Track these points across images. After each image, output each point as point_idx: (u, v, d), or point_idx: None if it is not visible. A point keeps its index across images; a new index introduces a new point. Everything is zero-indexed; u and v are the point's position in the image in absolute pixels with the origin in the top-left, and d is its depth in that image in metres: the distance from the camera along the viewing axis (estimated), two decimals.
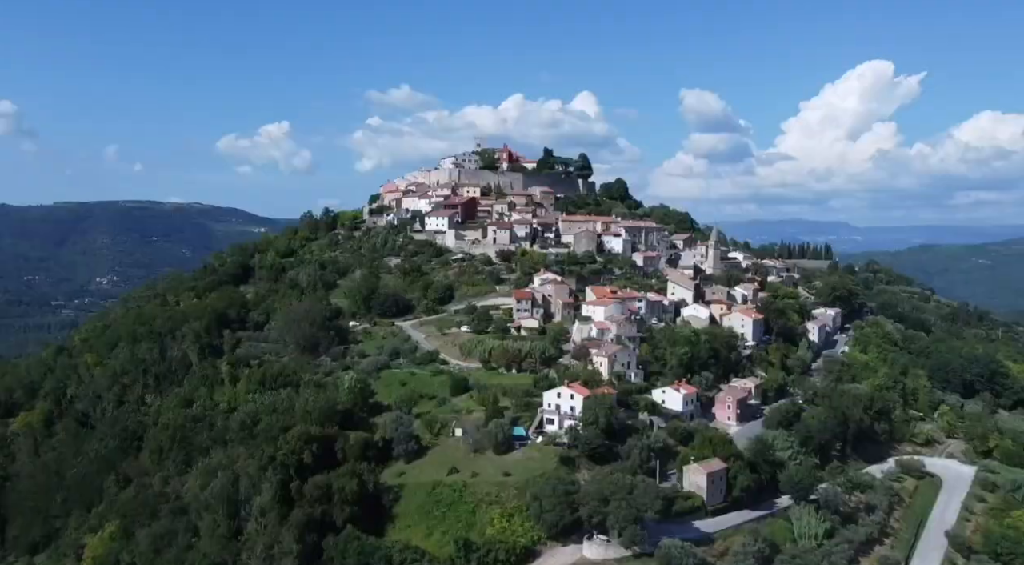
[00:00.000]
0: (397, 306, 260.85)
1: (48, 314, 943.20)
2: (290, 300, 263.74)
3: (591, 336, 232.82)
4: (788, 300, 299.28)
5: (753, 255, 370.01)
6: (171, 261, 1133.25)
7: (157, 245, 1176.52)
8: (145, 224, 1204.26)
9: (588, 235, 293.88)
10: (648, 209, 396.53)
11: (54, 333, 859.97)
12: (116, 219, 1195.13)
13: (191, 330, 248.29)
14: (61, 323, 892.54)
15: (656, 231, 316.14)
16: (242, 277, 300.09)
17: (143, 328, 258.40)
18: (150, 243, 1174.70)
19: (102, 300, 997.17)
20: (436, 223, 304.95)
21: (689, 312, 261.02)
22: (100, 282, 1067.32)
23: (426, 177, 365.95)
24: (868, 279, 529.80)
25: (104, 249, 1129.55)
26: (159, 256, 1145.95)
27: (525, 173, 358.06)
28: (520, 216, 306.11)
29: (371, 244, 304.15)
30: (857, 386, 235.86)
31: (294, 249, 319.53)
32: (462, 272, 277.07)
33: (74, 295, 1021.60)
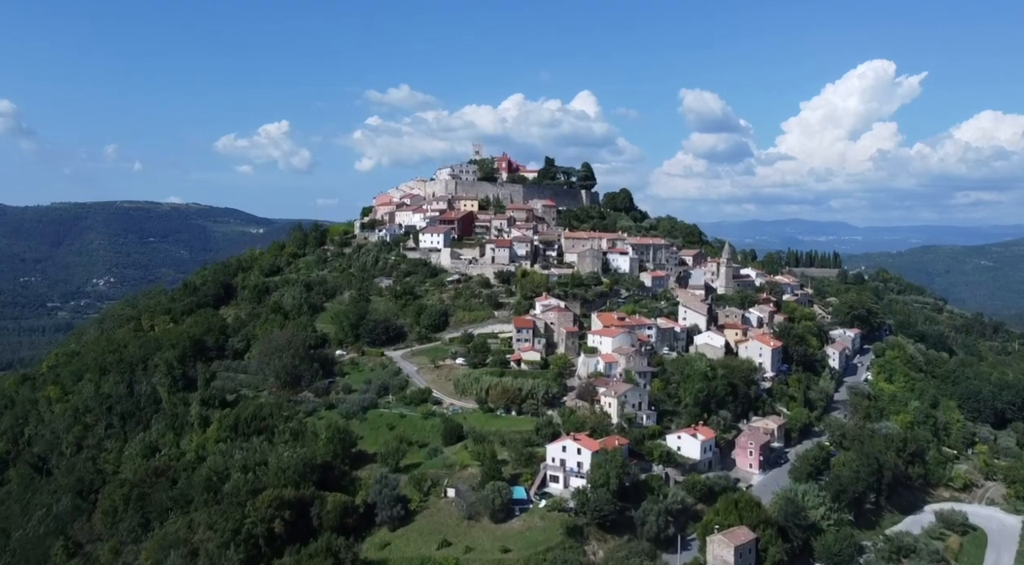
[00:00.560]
0: (387, 334, 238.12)
1: (43, 316, 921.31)
2: (272, 327, 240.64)
3: (598, 370, 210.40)
4: (806, 322, 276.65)
5: (765, 270, 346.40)
6: (169, 262, 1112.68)
7: (154, 246, 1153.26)
8: (143, 225, 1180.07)
9: (593, 254, 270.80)
10: (654, 221, 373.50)
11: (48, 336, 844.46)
12: (113, 220, 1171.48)
13: (163, 361, 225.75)
14: (56, 326, 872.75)
15: (664, 248, 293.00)
16: (224, 298, 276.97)
17: (113, 357, 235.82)
18: (147, 244, 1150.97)
19: (98, 302, 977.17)
20: (431, 240, 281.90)
21: (703, 340, 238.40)
22: (97, 283, 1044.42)
23: (421, 188, 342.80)
24: (879, 289, 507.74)
25: (101, 250, 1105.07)
26: (156, 257, 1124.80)
27: (525, 184, 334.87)
28: (520, 232, 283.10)
29: (361, 263, 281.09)
30: (888, 425, 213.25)
31: (280, 266, 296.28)
32: (458, 295, 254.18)
33: (70, 297, 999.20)
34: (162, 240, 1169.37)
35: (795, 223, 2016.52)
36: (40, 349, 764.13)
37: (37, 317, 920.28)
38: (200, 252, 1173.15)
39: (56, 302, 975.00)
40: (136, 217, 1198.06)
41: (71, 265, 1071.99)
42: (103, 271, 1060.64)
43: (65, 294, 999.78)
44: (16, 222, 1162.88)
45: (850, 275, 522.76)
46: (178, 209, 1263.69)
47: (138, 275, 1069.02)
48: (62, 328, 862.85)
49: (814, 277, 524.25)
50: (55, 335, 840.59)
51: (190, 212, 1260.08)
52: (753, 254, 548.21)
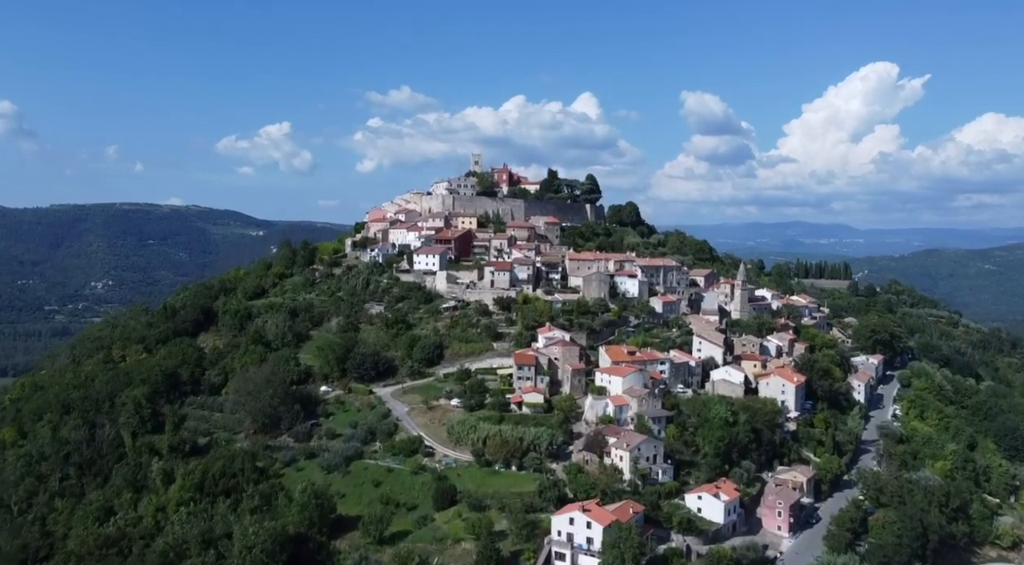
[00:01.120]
0: (377, 368, 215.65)
1: (40, 320, 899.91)
2: (252, 359, 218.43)
3: (607, 414, 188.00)
4: (827, 351, 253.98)
5: (779, 289, 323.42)
6: (168, 265, 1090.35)
7: (153, 248, 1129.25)
8: (142, 227, 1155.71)
9: (599, 278, 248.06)
10: (662, 236, 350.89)
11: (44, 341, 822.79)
12: (112, 222, 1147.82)
13: (131, 400, 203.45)
14: (52, 330, 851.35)
15: (676, 270, 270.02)
16: (203, 323, 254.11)
17: (78, 393, 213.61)
18: (146, 246, 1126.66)
19: (96, 305, 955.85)
20: (426, 261, 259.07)
21: (720, 375, 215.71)
22: (95, 286, 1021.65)
23: (417, 202, 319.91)
24: (891, 301, 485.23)
25: (99, 252, 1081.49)
26: (155, 260, 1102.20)
27: (527, 199, 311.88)
28: (522, 254, 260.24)
29: (351, 286, 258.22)
30: (927, 475, 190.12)
31: (265, 288, 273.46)
32: (454, 324, 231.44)
33: (68, 300, 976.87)
34: (161, 242, 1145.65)
35: (796, 225, 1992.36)
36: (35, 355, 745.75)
37: (34, 321, 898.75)
38: (199, 255, 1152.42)
39: (54, 305, 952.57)
40: (135, 219, 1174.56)
41: (69, 268, 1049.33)
42: (101, 274, 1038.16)
43: (63, 297, 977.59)
44: (15, 224, 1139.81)
45: (861, 287, 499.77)
46: (178, 211, 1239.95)
47: (137, 278, 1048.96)
48: (58, 332, 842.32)
49: (824, 289, 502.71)
50: (51, 340, 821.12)
51: (190, 214, 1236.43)
52: (761, 264, 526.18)
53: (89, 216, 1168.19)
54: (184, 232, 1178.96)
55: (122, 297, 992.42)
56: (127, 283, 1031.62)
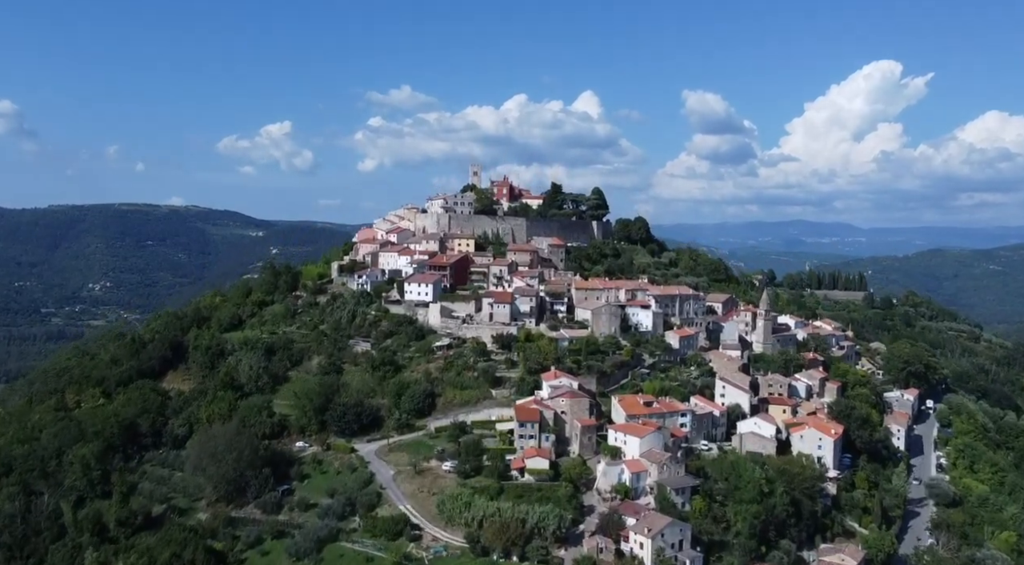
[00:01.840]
0: (360, 419, 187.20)
1: (37, 323, 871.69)
2: (219, 409, 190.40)
3: (623, 482, 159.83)
4: (861, 390, 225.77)
5: (802, 314, 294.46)
6: (166, 266, 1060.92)
7: (152, 249, 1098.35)
8: (140, 228, 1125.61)
9: (609, 311, 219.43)
10: (674, 254, 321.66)
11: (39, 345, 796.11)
12: (111, 222, 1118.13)
13: (79, 460, 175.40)
14: (48, 334, 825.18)
15: (692, 299, 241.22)
16: (172, 360, 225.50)
17: (21, 449, 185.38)
18: (145, 247, 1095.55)
19: (93, 307, 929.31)
20: (418, 291, 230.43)
21: (749, 427, 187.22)
22: (92, 288, 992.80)
23: (411, 219, 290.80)
24: (909, 314, 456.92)
25: (98, 254, 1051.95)
26: (154, 261, 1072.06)
27: (529, 217, 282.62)
28: (523, 282, 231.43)
29: (335, 319, 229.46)
30: (993, 555, 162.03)
31: (242, 318, 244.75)
32: (448, 366, 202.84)
33: (65, 302, 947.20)
34: (160, 243, 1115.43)
35: (798, 224, 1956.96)
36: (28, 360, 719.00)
37: (30, 324, 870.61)
38: (198, 255, 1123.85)
39: (51, 308, 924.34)
40: (134, 220, 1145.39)
41: (67, 269, 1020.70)
42: (99, 275, 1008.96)
43: (60, 299, 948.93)
44: (12, 225, 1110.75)
45: (877, 299, 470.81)
46: (176, 211, 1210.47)
47: (135, 279, 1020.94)
48: (53, 336, 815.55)
49: (838, 300, 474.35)
50: (46, 344, 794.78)
51: (189, 215, 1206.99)
52: (772, 275, 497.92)
53: (87, 217, 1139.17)
54: (183, 233, 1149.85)
55: (120, 299, 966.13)
56: (125, 285, 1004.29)
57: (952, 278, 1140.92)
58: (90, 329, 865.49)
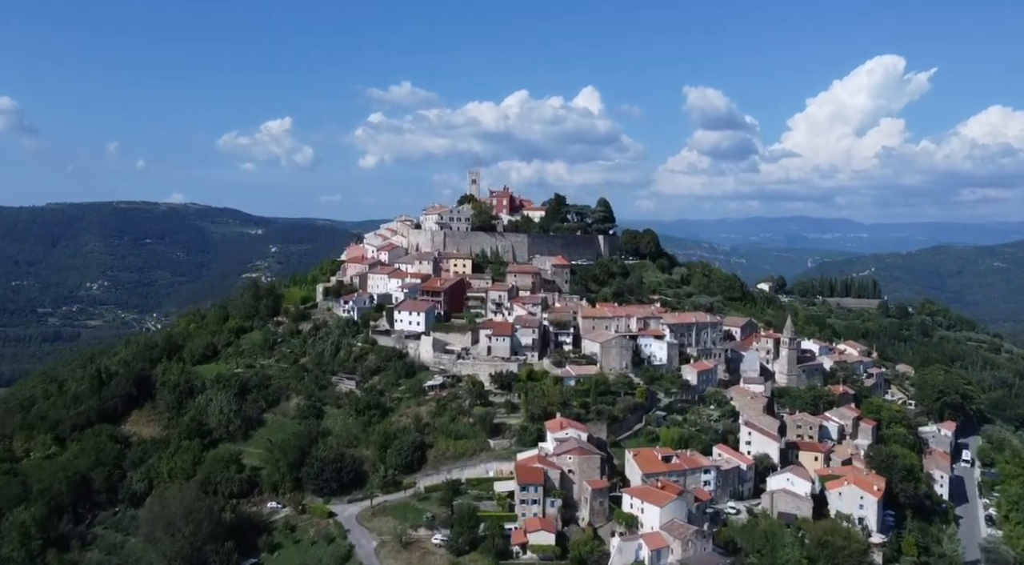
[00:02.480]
0: (340, 476, 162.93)
1: (33, 324, 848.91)
2: (182, 462, 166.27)
3: (641, 559, 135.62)
4: (898, 428, 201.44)
5: (825, 338, 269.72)
6: (165, 265, 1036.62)
7: (151, 248, 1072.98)
8: (139, 226, 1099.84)
9: (620, 344, 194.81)
10: (685, 271, 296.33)
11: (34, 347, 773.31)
12: (109, 220, 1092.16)
13: (17, 526, 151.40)
14: (44, 335, 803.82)
15: (710, 327, 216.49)
16: (137, 398, 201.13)
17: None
18: (143, 246, 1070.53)
19: (91, 307, 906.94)
20: (409, 319, 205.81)
21: (779, 484, 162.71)
22: (90, 287, 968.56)
23: (405, 234, 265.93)
24: (926, 323, 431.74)
25: (96, 252, 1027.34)
26: (152, 259, 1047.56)
27: (531, 233, 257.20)
28: (525, 310, 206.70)
29: (318, 352, 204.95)
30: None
31: (218, 347, 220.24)
32: (441, 410, 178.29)
33: (62, 302, 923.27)
34: (159, 241, 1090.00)
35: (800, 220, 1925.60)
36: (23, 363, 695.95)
37: (26, 325, 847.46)
38: (197, 254, 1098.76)
39: (47, 307, 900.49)
40: (132, 218, 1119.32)
41: (65, 268, 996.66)
42: (97, 274, 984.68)
43: (57, 299, 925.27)
44: (10, 223, 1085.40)
45: (892, 308, 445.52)
46: (175, 209, 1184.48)
47: (133, 278, 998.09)
48: (49, 337, 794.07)
49: (852, 309, 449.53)
50: (41, 345, 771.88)
51: (188, 212, 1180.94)
52: (782, 281, 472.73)
53: (86, 215, 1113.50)
54: (182, 231, 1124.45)
55: (118, 298, 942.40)
56: (123, 284, 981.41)
57: (956, 275, 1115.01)
58: (86, 330, 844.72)
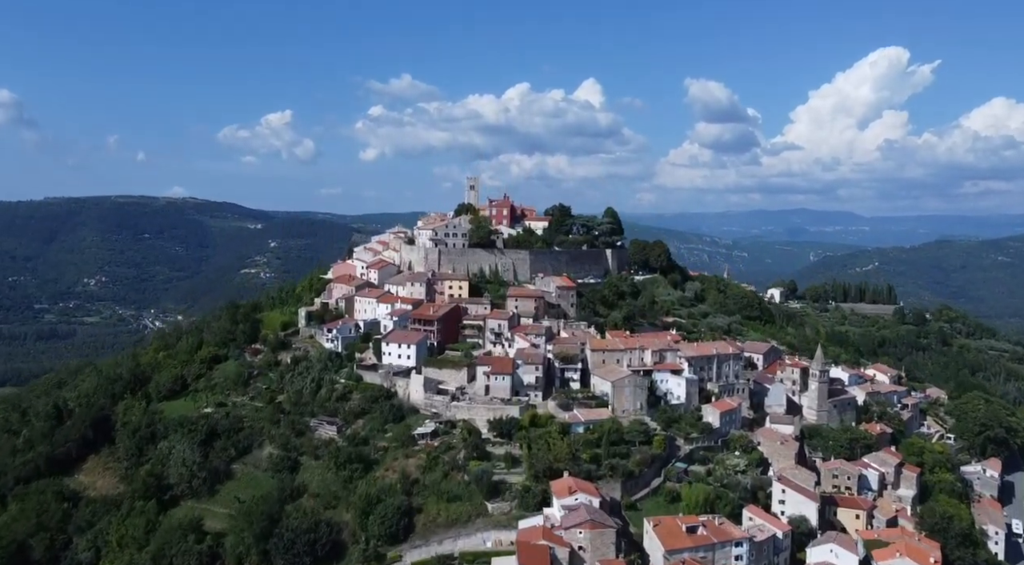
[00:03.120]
0: (315, 548, 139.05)
1: (29, 320, 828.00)
2: (134, 528, 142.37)
3: None
4: (944, 475, 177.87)
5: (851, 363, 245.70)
6: (163, 260, 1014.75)
7: (149, 242, 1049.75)
8: (137, 220, 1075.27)
9: (634, 383, 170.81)
10: (700, 285, 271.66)
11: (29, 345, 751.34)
12: (107, 215, 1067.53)
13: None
14: (39, 332, 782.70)
15: (732, 358, 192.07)
16: (94, 442, 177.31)
17: None
18: (142, 240, 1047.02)
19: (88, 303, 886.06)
20: (398, 352, 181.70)
21: (821, 556, 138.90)
22: (88, 283, 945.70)
23: (398, 248, 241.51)
24: (944, 331, 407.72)
25: (93, 247, 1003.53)
26: (151, 254, 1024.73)
27: (533, 249, 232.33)
28: (527, 341, 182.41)
29: (296, 390, 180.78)
30: None
31: (187, 380, 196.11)
32: (431, 464, 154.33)
33: (59, 298, 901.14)
34: (157, 236, 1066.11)
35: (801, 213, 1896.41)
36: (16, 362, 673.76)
37: (22, 321, 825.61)
38: (196, 248, 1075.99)
39: (44, 304, 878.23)
40: (131, 212, 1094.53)
41: (62, 263, 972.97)
42: (95, 270, 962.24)
43: (54, 295, 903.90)
44: (8, 218, 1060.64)
45: (909, 314, 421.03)
46: (174, 204, 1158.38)
47: (131, 274, 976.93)
48: (44, 335, 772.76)
49: (867, 314, 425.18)
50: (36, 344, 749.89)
51: (186, 207, 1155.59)
52: (794, 286, 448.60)
53: (84, 209, 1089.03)
54: (181, 225, 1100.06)
55: (115, 294, 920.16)
56: (121, 280, 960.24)
57: (960, 270, 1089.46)
58: (83, 327, 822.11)
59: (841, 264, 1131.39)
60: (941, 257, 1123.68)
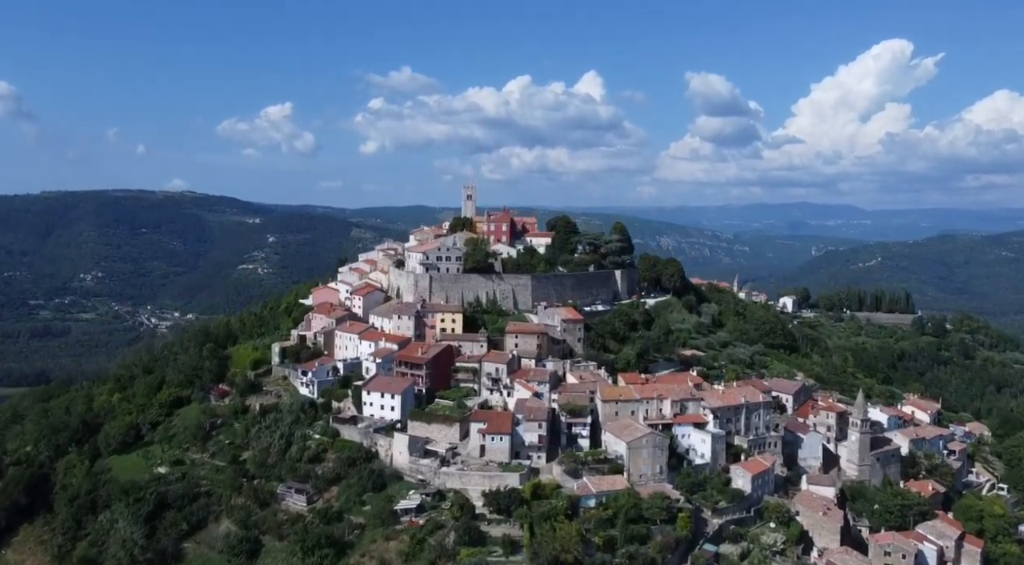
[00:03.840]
0: None
1: (24, 317, 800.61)
2: None
3: None
4: (1007, 545, 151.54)
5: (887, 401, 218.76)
6: (161, 255, 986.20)
7: (147, 237, 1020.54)
8: (135, 215, 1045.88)
9: (653, 444, 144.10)
10: (717, 308, 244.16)
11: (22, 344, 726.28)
12: (104, 209, 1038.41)
13: None
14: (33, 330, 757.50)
15: (763, 407, 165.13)
16: (30, 509, 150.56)
17: None
18: (139, 235, 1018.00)
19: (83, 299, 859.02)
20: (380, 403, 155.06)
21: None
22: (84, 278, 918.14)
23: (385, 270, 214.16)
24: (966, 342, 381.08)
25: (90, 242, 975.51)
26: (148, 249, 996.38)
27: (535, 273, 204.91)
28: (529, 390, 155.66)
29: (263, 447, 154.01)
30: None
31: (142, 430, 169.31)
32: (416, 550, 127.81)
33: (55, 294, 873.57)
34: (155, 231, 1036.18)
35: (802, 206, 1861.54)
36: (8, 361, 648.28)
37: (16, 318, 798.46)
38: (194, 243, 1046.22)
39: (39, 299, 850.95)
40: (128, 207, 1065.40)
41: (59, 258, 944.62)
42: (91, 265, 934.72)
43: (50, 290, 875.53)
44: (4, 212, 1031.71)
45: (928, 324, 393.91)
46: (172, 198, 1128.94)
47: (128, 269, 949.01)
48: (38, 333, 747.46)
49: (884, 325, 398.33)
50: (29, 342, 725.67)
51: (184, 200, 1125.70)
52: (806, 294, 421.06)
53: (81, 203, 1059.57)
54: (179, 220, 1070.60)
55: (112, 290, 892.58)
56: (118, 275, 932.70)
57: (963, 265, 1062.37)
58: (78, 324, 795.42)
59: (844, 259, 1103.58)
60: (944, 252, 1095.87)
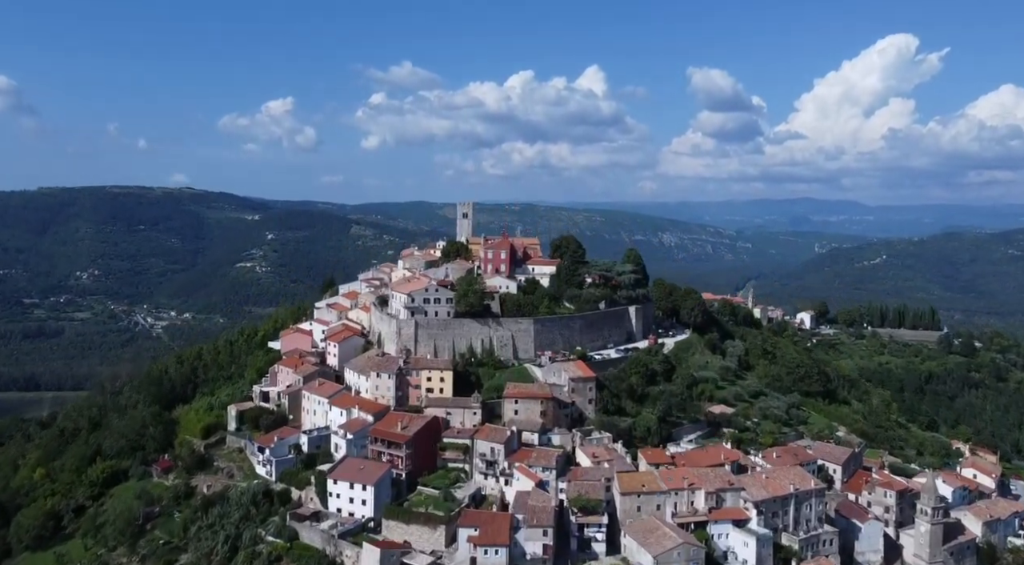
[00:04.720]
0: None
1: (18, 316, 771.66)
2: None
3: None
4: None
5: (942, 456, 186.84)
6: (158, 252, 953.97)
7: (144, 234, 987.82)
8: (132, 211, 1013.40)
9: (687, 557, 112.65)
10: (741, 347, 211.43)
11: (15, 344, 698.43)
12: (102, 206, 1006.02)
13: None
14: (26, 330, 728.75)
15: (815, 496, 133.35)
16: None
17: None
18: (136, 232, 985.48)
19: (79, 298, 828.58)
20: (349, 495, 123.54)
21: None
22: (80, 277, 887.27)
23: (367, 308, 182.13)
24: (997, 362, 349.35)
25: (87, 239, 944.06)
26: (146, 247, 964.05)
27: (537, 316, 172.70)
28: (531, 480, 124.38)
29: (204, 551, 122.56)
30: None
31: (64, 520, 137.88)
32: None
33: (50, 292, 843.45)
34: (152, 228, 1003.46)
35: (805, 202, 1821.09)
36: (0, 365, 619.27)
37: (10, 318, 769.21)
38: (192, 241, 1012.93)
39: (34, 298, 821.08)
40: (126, 203, 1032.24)
41: (55, 255, 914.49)
42: (88, 263, 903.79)
43: (45, 289, 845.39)
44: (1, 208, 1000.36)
45: (956, 343, 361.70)
46: (170, 195, 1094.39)
47: (125, 267, 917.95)
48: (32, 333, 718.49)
49: (908, 342, 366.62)
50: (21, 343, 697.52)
51: (183, 197, 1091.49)
52: (824, 309, 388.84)
53: (78, 200, 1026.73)
54: (177, 216, 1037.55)
55: (108, 288, 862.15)
56: (114, 273, 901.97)
57: (969, 263, 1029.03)
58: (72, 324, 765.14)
59: (848, 257, 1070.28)
60: (949, 250, 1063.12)
